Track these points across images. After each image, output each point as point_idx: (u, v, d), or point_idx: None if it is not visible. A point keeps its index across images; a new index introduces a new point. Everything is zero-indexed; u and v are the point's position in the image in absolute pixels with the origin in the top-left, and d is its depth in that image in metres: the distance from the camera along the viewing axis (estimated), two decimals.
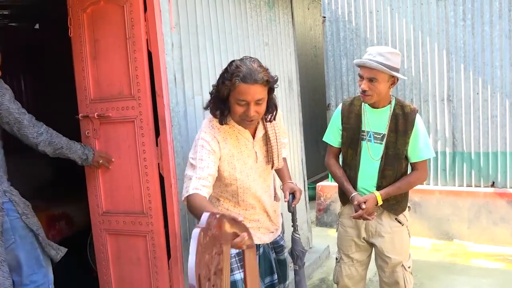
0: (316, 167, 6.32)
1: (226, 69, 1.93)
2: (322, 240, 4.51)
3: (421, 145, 2.37)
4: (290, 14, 3.98)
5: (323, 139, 2.61)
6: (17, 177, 4.09)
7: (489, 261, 4.01)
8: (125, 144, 2.54)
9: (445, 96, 4.59)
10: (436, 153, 4.65)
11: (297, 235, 2.28)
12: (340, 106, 2.53)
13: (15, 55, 4.66)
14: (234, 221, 1.38)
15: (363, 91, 2.31)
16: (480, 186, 4.53)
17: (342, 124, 2.47)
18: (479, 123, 4.47)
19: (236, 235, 1.39)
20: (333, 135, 2.53)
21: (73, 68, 2.64)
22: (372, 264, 2.60)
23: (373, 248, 2.52)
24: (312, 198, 5.33)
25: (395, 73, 2.27)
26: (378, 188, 2.39)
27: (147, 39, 2.41)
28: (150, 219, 2.50)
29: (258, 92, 1.87)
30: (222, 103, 1.93)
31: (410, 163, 2.43)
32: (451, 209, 4.58)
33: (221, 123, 1.97)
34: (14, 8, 4.34)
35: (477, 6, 4.35)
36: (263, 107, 1.93)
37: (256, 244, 2.11)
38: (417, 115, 2.38)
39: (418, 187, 2.65)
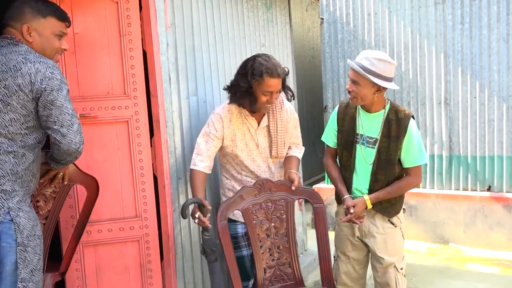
0: (312, 169, 6.30)
1: (251, 65, 2.27)
2: (313, 242, 4.48)
3: (414, 150, 2.35)
4: (287, 15, 3.96)
5: (321, 139, 2.62)
6: None
7: (484, 266, 4.00)
8: (112, 146, 2.40)
9: (442, 100, 4.58)
10: (433, 156, 4.64)
11: (207, 235, 2.27)
12: (336, 107, 2.53)
13: None
14: None
15: (348, 92, 2.32)
16: (476, 190, 4.52)
17: (337, 126, 2.48)
18: (476, 127, 4.46)
19: None
20: (330, 136, 2.54)
21: None
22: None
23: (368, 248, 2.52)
24: (308, 200, 5.29)
25: (376, 80, 2.21)
26: (370, 191, 2.38)
27: (142, 38, 2.38)
28: (145, 221, 2.46)
29: (279, 83, 2.31)
30: (249, 94, 2.29)
31: (404, 168, 2.40)
32: (447, 213, 4.57)
33: (252, 110, 2.38)
34: None
35: (475, 10, 4.34)
36: (278, 95, 2.38)
37: (241, 222, 2.45)
38: (411, 121, 2.35)
39: (414, 190, 2.66)
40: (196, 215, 2.18)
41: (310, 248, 4.23)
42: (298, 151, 2.65)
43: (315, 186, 5.33)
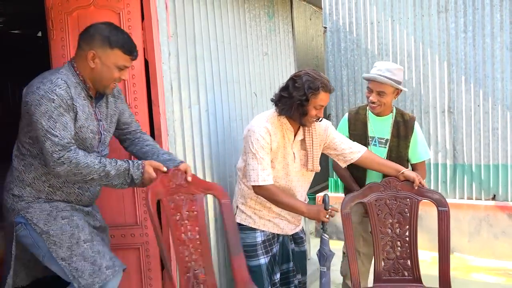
0: (316, 177, 6.28)
1: (306, 79, 2.29)
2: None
3: (419, 148, 2.74)
4: (290, 24, 3.98)
5: None
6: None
7: (490, 276, 3.96)
8: (114, 154, 2.38)
9: (446, 108, 4.57)
10: (437, 165, 4.62)
11: (326, 236, 2.43)
12: (346, 115, 2.82)
13: (15, 62, 4.69)
14: None
15: (373, 103, 2.63)
16: (481, 199, 4.48)
17: (349, 131, 2.77)
18: (480, 135, 4.44)
19: None
20: None
21: None
22: None
23: None
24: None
25: (400, 87, 2.60)
26: None
27: (144, 48, 2.40)
28: (145, 230, 2.46)
29: (328, 98, 2.37)
30: (302, 107, 2.31)
31: (411, 164, 2.78)
32: (452, 222, 4.46)
33: (301, 123, 2.38)
34: (10, 15, 4.34)
35: (478, 18, 4.34)
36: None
37: (277, 234, 2.55)
38: (416, 122, 2.74)
39: None
40: (329, 207, 2.35)
41: (313, 257, 4.20)
42: (363, 148, 2.57)
43: (319, 195, 5.31)
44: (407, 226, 2.51)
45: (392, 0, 4.70)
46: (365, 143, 2.67)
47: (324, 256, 2.40)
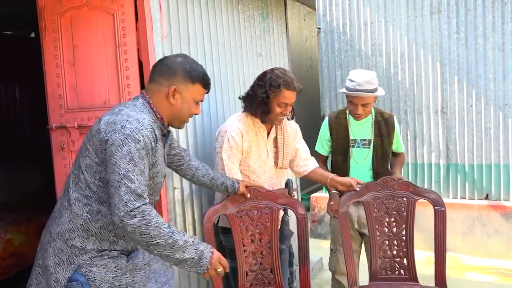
0: None
1: (269, 77, 2.36)
2: (315, 252, 4.47)
3: (400, 140, 2.93)
4: (284, 25, 3.99)
5: (315, 149, 2.91)
6: (8, 185, 4.08)
7: (483, 275, 3.99)
8: None
9: (439, 108, 4.60)
10: (430, 165, 4.65)
11: (287, 217, 2.56)
12: (326, 120, 2.90)
13: (9, 63, 4.67)
14: None
15: (359, 114, 2.68)
16: (474, 199, 4.51)
17: (331, 136, 2.85)
18: (473, 135, 4.47)
19: None
20: (322, 146, 2.93)
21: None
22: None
23: (363, 238, 2.85)
24: (306, 209, 5.29)
25: (380, 93, 2.68)
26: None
27: (138, 49, 2.40)
28: None
29: (294, 96, 2.40)
30: (264, 105, 2.37)
31: (393, 153, 2.93)
32: None
33: (263, 121, 2.46)
34: (3, 16, 4.33)
35: (471, 19, 4.38)
36: (291, 108, 2.46)
37: None
38: (395, 119, 2.85)
39: None
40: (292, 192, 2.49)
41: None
42: (314, 160, 2.74)
43: (313, 195, 5.33)
44: (404, 225, 2.54)
45: (385, 1, 4.73)
46: (347, 146, 2.79)
47: (285, 236, 2.52)
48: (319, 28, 5.13)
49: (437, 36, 4.53)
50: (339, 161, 2.84)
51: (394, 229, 2.54)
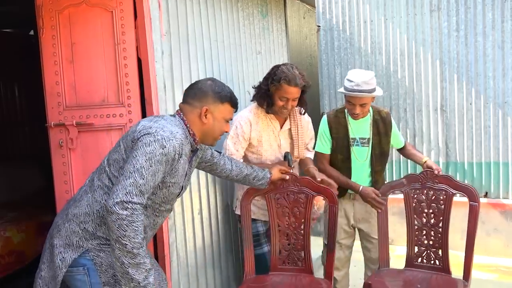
0: None
1: (274, 72, 2.50)
2: (314, 250, 4.46)
3: (399, 136, 2.98)
4: (283, 23, 3.99)
5: (316, 150, 2.90)
6: (8, 184, 4.08)
7: (482, 272, 3.99)
8: (107, 153, 2.45)
9: (438, 106, 4.59)
10: None
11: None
12: (325, 118, 2.90)
13: (8, 61, 4.66)
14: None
15: (357, 114, 2.69)
16: None
17: (331, 134, 2.85)
18: (472, 133, 4.47)
19: None
20: (323, 145, 2.89)
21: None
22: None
23: (359, 232, 2.94)
24: None
25: (378, 93, 2.69)
26: (375, 182, 2.82)
27: (137, 47, 2.40)
28: None
29: (296, 92, 2.50)
30: (268, 97, 2.53)
31: (399, 150, 3.04)
32: None
33: (267, 112, 2.62)
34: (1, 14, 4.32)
35: (470, 17, 4.37)
36: (296, 103, 2.57)
37: (260, 220, 2.75)
38: (391, 116, 2.91)
39: None
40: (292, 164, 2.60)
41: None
42: (311, 153, 2.94)
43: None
44: (441, 217, 2.64)
45: None
46: (347, 145, 2.82)
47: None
48: (319, 26, 5.13)
49: (437, 34, 4.52)
50: (339, 159, 2.85)
51: (432, 220, 2.66)
